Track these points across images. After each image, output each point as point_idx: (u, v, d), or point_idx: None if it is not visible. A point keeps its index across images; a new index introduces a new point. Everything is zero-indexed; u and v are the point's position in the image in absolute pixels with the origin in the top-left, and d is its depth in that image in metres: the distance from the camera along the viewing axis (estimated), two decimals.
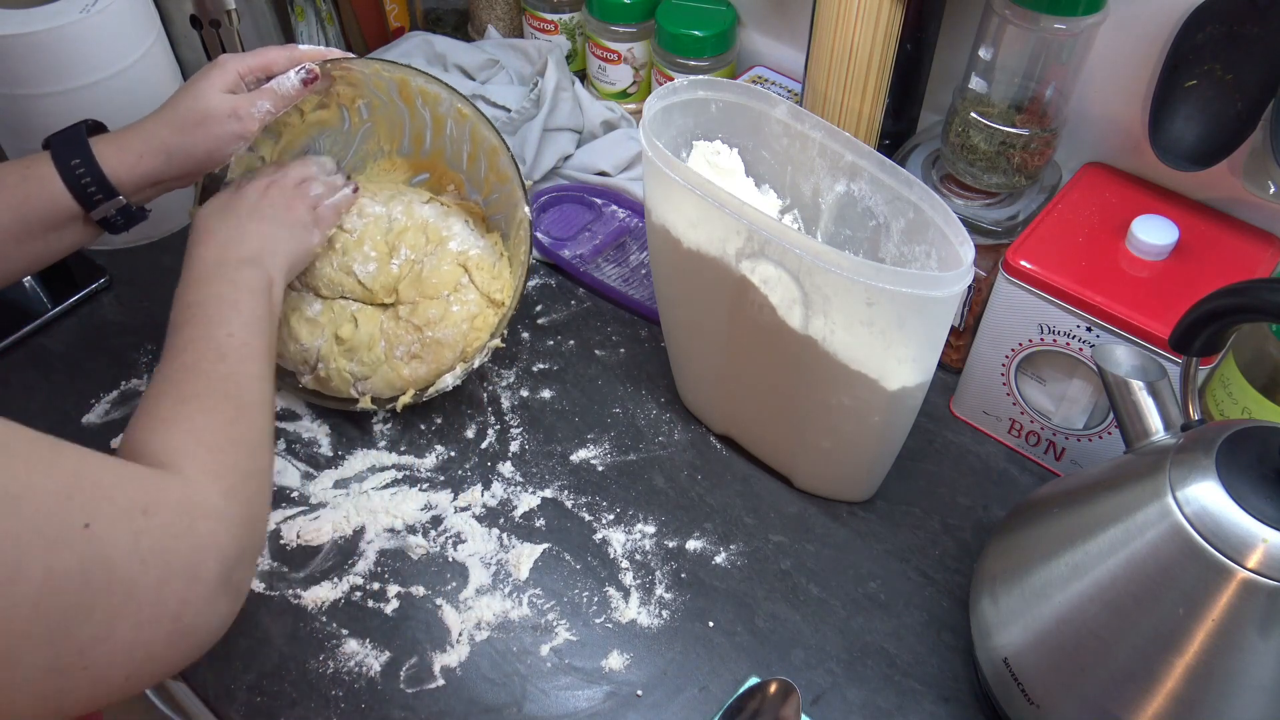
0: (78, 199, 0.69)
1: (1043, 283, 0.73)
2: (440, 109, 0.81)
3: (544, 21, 1.12)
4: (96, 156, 0.69)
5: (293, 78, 0.75)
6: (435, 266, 0.81)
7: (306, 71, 0.75)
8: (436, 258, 0.82)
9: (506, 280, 0.84)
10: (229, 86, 0.73)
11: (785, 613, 0.74)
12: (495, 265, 0.84)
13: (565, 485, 0.81)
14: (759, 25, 1.07)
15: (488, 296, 0.83)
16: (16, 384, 0.88)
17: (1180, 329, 0.59)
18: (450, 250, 0.82)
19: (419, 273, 0.81)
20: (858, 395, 0.69)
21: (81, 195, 0.69)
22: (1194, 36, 0.73)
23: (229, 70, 0.73)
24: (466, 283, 0.82)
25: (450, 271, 0.82)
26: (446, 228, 0.83)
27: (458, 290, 0.82)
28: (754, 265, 0.67)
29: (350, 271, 0.81)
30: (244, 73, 0.74)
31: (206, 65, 0.74)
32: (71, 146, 0.69)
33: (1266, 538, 0.51)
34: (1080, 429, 0.78)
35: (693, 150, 0.76)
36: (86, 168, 0.69)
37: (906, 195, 0.66)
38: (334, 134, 0.84)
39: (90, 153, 0.69)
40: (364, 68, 0.79)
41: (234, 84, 0.73)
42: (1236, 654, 0.52)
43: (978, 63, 0.79)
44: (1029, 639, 0.60)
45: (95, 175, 0.69)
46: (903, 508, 0.80)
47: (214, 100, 0.72)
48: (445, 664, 0.71)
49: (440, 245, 0.82)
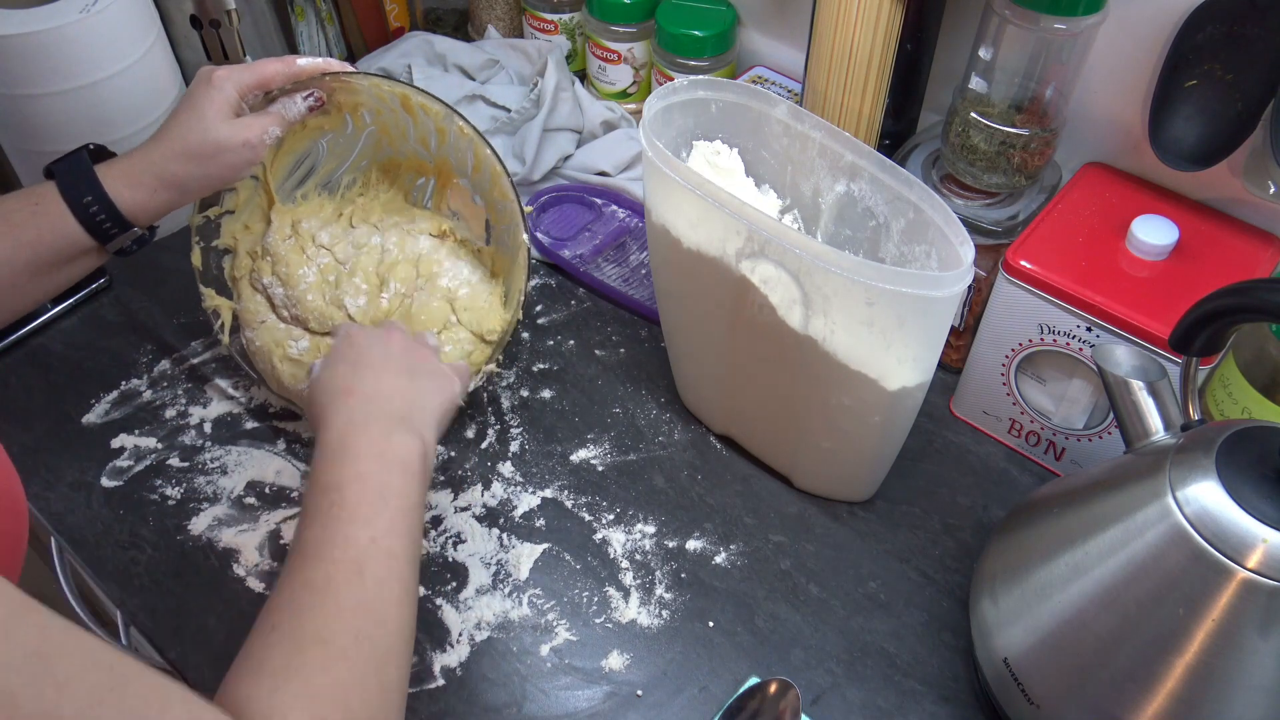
0: (92, 234, 0.68)
1: (1043, 283, 0.73)
2: (442, 122, 0.81)
3: (544, 21, 1.12)
4: (108, 190, 0.68)
5: (300, 103, 0.74)
6: (425, 303, 0.81)
7: (315, 99, 0.74)
8: (426, 293, 0.81)
9: (499, 315, 0.83)
10: (233, 109, 0.70)
11: (785, 613, 0.74)
12: (487, 300, 0.83)
13: (565, 485, 0.81)
14: (759, 25, 1.07)
15: (479, 335, 0.82)
16: (16, 384, 0.88)
17: (1180, 329, 0.59)
18: (440, 286, 0.81)
19: (408, 308, 0.80)
20: (858, 395, 0.69)
21: (96, 231, 0.68)
22: (1194, 36, 0.73)
23: (228, 92, 0.70)
24: (455, 321, 0.82)
25: (439, 308, 0.81)
26: (438, 261, 0.82)
27: (448, 328, 0.81)
28: (754, 265, 0.67)
29: (341, 305, 0.80)
30: (243, 92, 0.71)
31: (202, 84, 0.71)
32: (79, 180, 0.67)
33: (1266, 538, 0.51)
34: (1080, 429, 0.78)
35: (693, 150, 0.76)
36: (100, 205, 0.67)
37: (906, 195, 0.66)
38: (336, 137, 0.84)
39: (100, 187, 0.68)
40: (363, 81, 0.78)
41: (236, 105, 0.71)
42: (1236, 654, 0.52)
43: (978, 63, 0.79)
44: (1029, 639, 0.60)
45: (109, 211, 0.68)
46: (903, 508, 0.80)
47: (224, 131, 0.69)
48: (445, 664, 0.71)
49: (430, 280, 0.81)
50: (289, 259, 0.81)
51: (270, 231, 0.82)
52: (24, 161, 0.95)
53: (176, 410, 0.86)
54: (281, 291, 0.81)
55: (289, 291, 0.81)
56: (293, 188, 0.85)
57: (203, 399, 0.87)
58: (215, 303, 0.84)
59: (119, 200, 0.68)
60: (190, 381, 0.88)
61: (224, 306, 0.84)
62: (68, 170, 0.68)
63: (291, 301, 0.81)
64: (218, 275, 0.84)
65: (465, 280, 0.83)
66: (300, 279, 0.80)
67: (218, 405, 0.86)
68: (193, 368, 0.89)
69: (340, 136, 0.84)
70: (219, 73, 0.71)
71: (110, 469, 0.82)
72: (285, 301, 0.81)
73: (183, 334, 0.91)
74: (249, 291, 0.83)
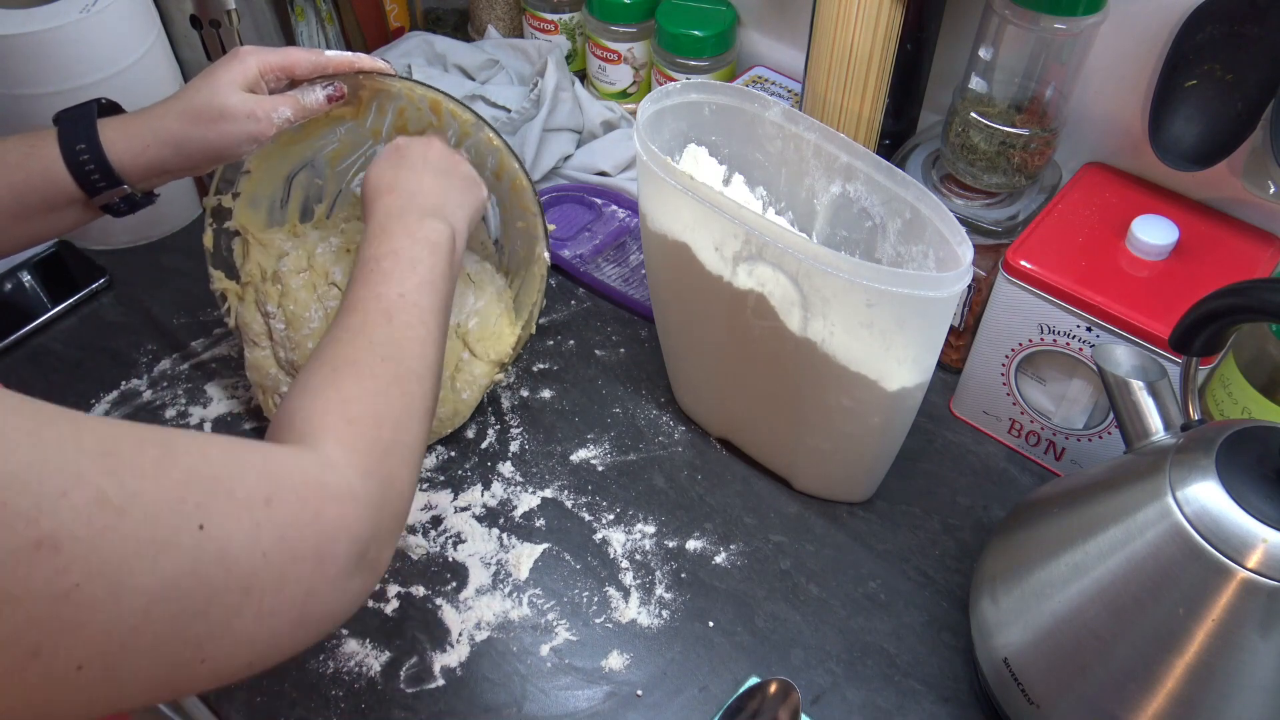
0: (80, 184, 0.67)
1: (1043, 283, 0.73)
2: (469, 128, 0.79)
3: (544, 21, 1.12)
4: (103, 142, 0.67)
5: (319, 93, 0.73)
6: None
7: (335, 89, 0.74)
8: None
9: (510, 332, 0.83)
10: (249, 83, 0.70)
11: (785, 613, 0.74)
12: (497, 321, 0.83)
13: (565, 485, 0.81)
14: (759, 25, 1.07)
15: (497, 362, 0.82)
16: (16, 384, 0.87)
17: (1180, 329, 0.59)
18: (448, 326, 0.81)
19: None
20: (857, 396, 0.69)
21: (84, 181, 0.67)
22: (1194, 36, 0.73)
23: (250, 65, 0.70)
24: (468, 358, 0.81)
25: (452, 348, 0.80)
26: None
27: (459, 370, 0.81)
28: (751, 268, 0.67)
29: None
30: (265, 70, 0.71)
31: (226, 55, 0.71)
32: (78, 128, 0.67)
33: (1266, 538, 0.51)
34: (1080, 429, 0.78)
35: (684, 154, 0.76)
36: (91, 153, 0.66)
37: (903, 195, 0.66)
38: (353, 127, 0.81)
39: (96, 137, 0.67)
40: (396, 84, 0.76)
41: (254, 81, 0.70)
42: (1236, 654, 0.52)
43: (978, 63, 0.79)
44: (1029, 639, 0.60)
45: (99, 161, 0.67)
46: (902, 508, 0.80)
47: (232, 98, 0.69)
48: (445, 664, 0.71)
49: None
50: (299, 295, 0.79)
51: (285, 260, 0.80)
52: None
53: (176, 410, 0.86)
54: (284, 330, 0.79)
55: (291, 334, 0.79)
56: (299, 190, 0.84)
57: (203, 399, 0.87)
58: (223, 285, 0.83)
59: (112, 151, 0.67)
60: (190, 381, 0.88)
61: (231, 290, 0.83)
62: (71, 118, 0.68)
63: (291, 345, 0.79)
64: (227, 257, 0.83)
65: (472, 310, 0.82)
66: (304, 323, 0.79)
67: (218, 405, 0.86)
68: (193, 368, 0.89)
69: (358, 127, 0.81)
70: (246, 48, 0.71)
71: None
72: (284, 341, 0.79)
73: (183, 334, 0.91)
74: (251, 310, 0.81)
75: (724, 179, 0.76)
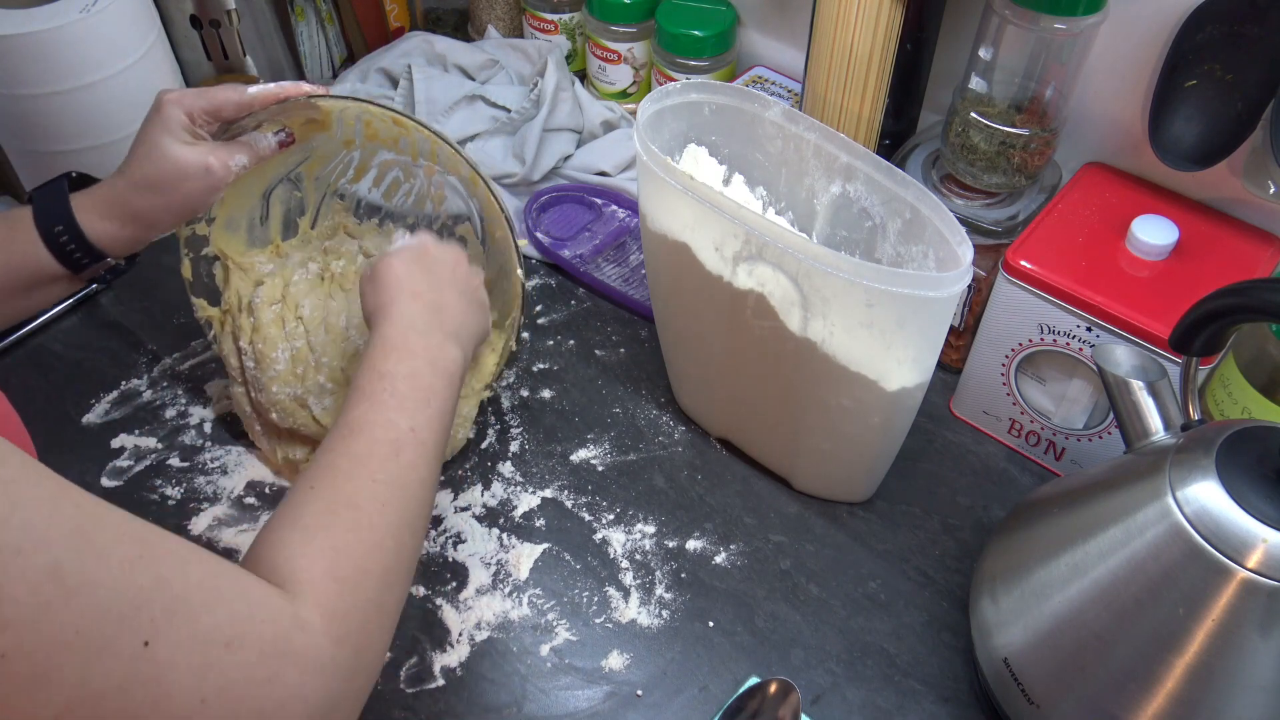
0: (63, 264, 0.68)
1: (1043, 283, 0.73)
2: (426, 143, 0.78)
3: (544, 21, 1.12)
4: (80, 221, 0.67)
5: (270, 139, 0.72)
6: None
7: (286, 134, 0.73)
8: None
9: (490, 359, 0.82)
10: (185, 131, 0.68)
11: (785, 613, 0.74)
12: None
13: (565, 485, 0.81)
14: (759, 25, 1.07)
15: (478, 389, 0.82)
16: (16, 384, 0.88)
17: (1180, 329, 0.59)
18: None
19: None
20: (857, 396, 0.69)
21: (67, 260, 0.68)
22: (1194, 36, 0.73)
23: (176, 114, 0.68)
24: None
25: None
26: None
27: None
28: (751, 268, 0.67)
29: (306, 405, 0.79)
30: (193, 116, 0.69)
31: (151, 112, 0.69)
32: (52, 209, 0.67)
33: (1266, 538, 0.51)
34: (1080, 429, 0.78)
35: (684, 154, 0.76)
36: (70, 234, 0.67)
37: (903, 195, 0.66)
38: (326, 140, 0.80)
39: (72, 217, 0.67)
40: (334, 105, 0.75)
41: (187, 127, 0.69)
42: (1236, 654, 0.52)
43: (978, 63, 0.79)
44: (1029, 639, 0.60)
45: (79, 241, 0.67)
46: (902, 508, 0.80)
47: (183, 155, 0.67)
48: (445, 664, 0.71)
49: None
50: (269, 332, 0.78)
51: (259, 292, 0.80)
52: (24, 161, 0.95)
53: (176, 410, 0.86)
54: (253, 367, 0.79)
55: (258, 374, 0.78)
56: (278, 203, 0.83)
57: (203, 399, 0.87)
58: (208, 313, 0.82)
59: (91, 231, 0.68)
60: (190, 381, 0.88)
61: (215, 316, 0.82)
62: (44, 197, 0.68)
63: (258, 386, 0.79)
64: (208, 283, 0.82)
65: None
66: (270, 364, 0.78)
67: (218, 405, 0.86)
68: (193, 368, 0.89)
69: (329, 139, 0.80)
70: (168, 96, 0.69)
71: (110, 469, 0.82)
72: (254, 381, 0.79)
73: (183, 334, 0.91)
74: (229, 343, 0.80)
75: (724, 179, 0.76)
